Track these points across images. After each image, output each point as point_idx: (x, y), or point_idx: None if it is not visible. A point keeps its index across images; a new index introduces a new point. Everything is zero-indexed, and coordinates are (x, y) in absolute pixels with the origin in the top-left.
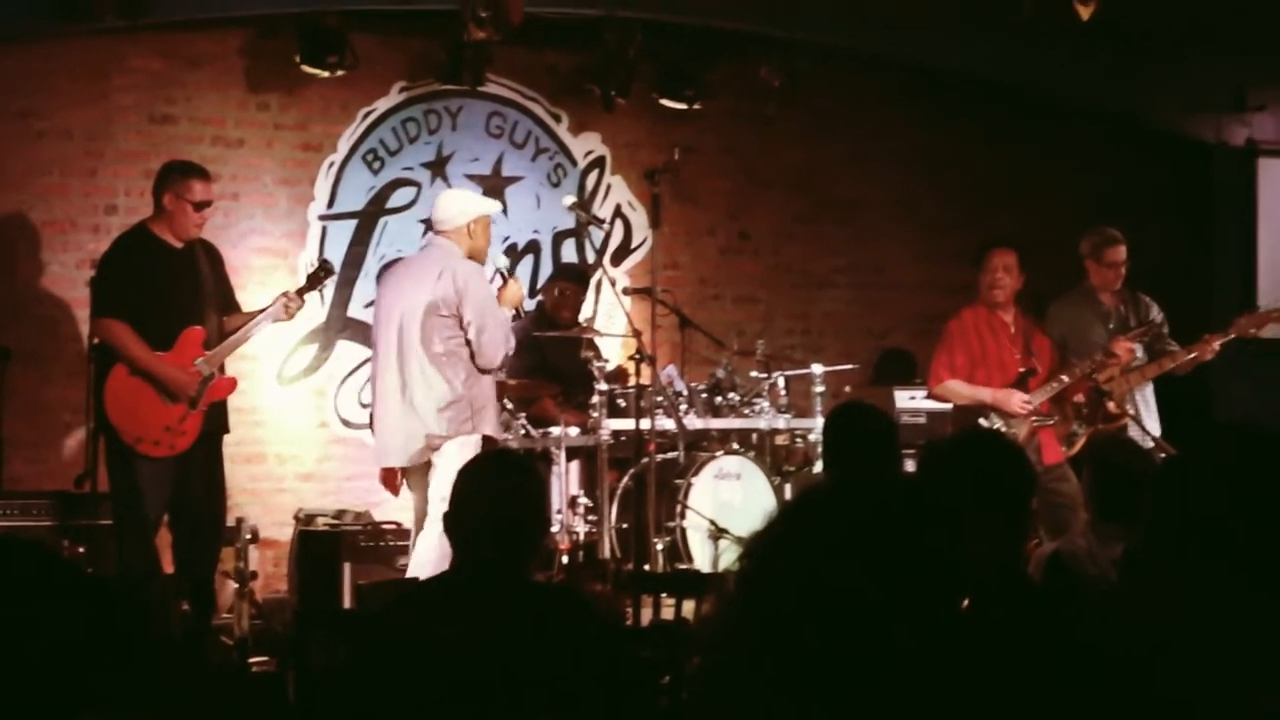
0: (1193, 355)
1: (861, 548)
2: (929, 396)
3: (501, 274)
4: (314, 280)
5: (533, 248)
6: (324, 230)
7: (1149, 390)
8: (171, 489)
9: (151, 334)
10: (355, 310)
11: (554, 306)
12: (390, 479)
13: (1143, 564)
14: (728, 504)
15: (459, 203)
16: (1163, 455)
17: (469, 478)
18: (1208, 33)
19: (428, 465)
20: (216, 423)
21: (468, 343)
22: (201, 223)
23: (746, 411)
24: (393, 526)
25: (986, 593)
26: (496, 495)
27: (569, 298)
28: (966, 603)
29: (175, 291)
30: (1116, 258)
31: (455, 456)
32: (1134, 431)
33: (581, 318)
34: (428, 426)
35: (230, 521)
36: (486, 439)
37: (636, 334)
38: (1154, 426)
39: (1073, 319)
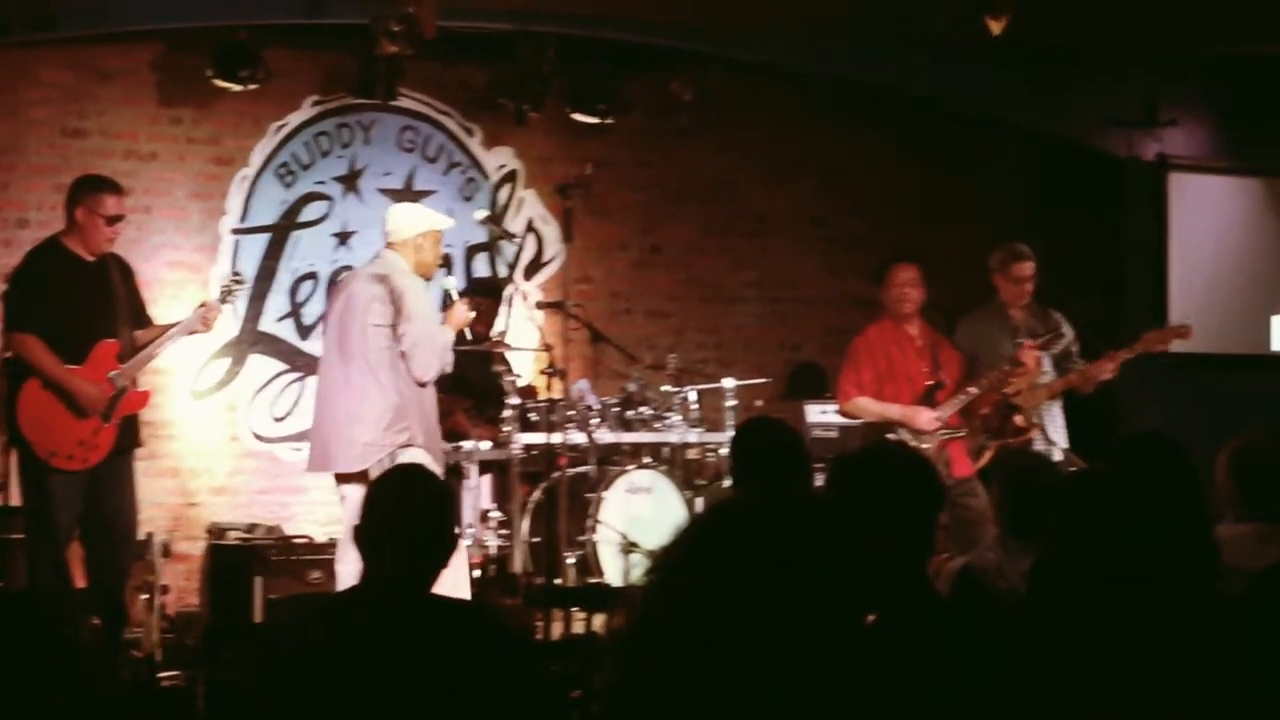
0: (1094, 372)
1: (767, 563)
2: (839, 413)
3: (449, 294)
4: (226, 292)
5: (445, 261)
6: (236, 244)
7: (1056, 407)
8: (84, 503)
9: (64, 348)
10: (267, 324)
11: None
12: None
13: (1052, 576)
14: (639, 518)
15: (408, 215)
16: (1072, 469)
17: (378, 491)
18: (1120, 48)
19: (364, 474)
20: (129, 437)
21: (403, 354)
22: (113, 237)
23: (658, 425)
24: (304, 540)
25: (895, 608)
26: (406, 509)
27: (483, 312)
28: (872, 618)
29: (88, 305)
30: (1023, 273)
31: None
32: (1042, 445)
33: (494, 332)
34: (365, 436)
35: (141, 535)
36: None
37: (548, 348)
38: (1062, 440)
39: (982, 334)
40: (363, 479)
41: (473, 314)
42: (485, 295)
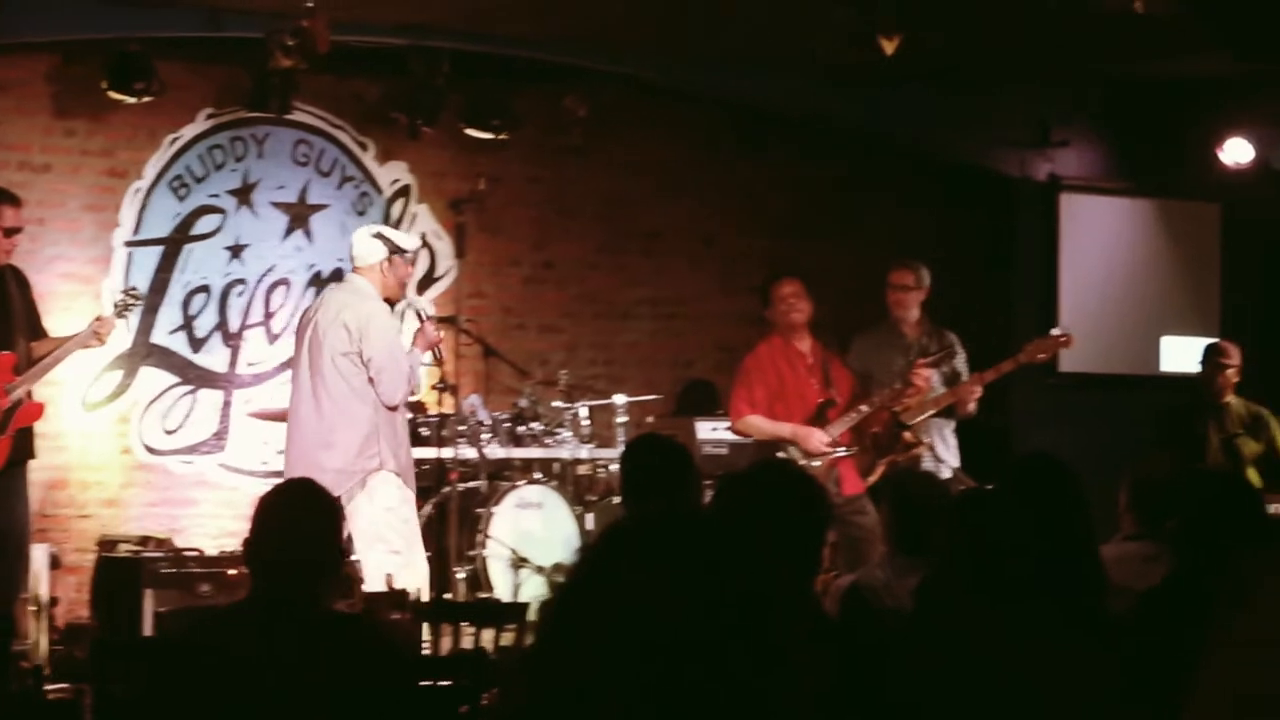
0: (964, 393)
1: (665, 582)
2: (731, 431)
3: (419, 315)
4: (122, 306)
5: (338, 276)
6: (129, 256)
7: (948, 428)
8: None
9: None
10: (159, 336)
11: None
12: None
13: (939, 595)
14: (529, 533)
15: (371, 239)
16: (961, 488)
17: (265, 508)
18: (1011, 68)
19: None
20: (23, 449)
21: (371, 380)
22: (11, 249)
23: (549, 441)
24: (195, 553)
25: (781, 625)
26: (293, 525)
27: None
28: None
29: None
30: (899, 280)
31: (369, 493)
32: (931, 463)
33: None
34: (335, 463)
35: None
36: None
37: (440, 363)
38: (952, 460)
39: (874, 351)
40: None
41: (441, 335)
42: None
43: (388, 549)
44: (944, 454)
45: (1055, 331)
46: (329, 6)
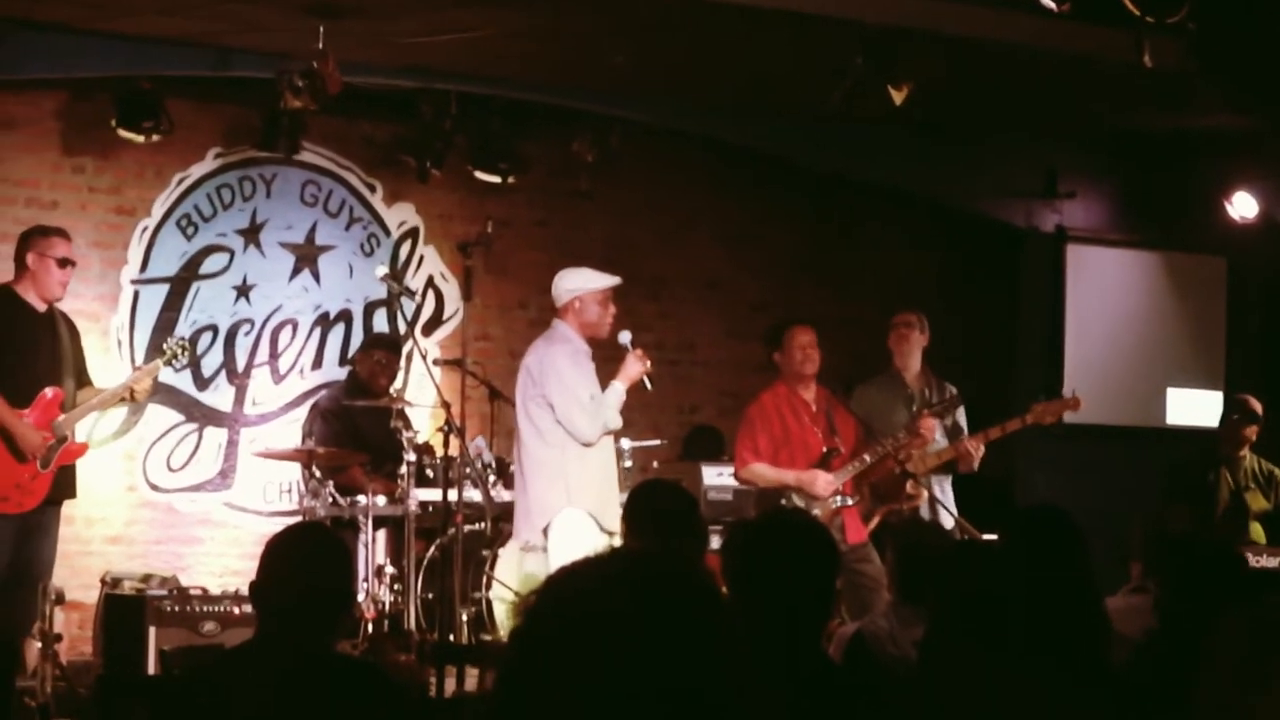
0: (964, 449)
1: (625, 618)
2: (736, 479)
3: (627, 348)
4: (171, 355)
5: (344, 317)
6: (136, 294)
7: (947, 481)
8: (11, 550)
9: (11, 391)
10: (166, 375)
11: (371, 374)
12: None
13: (943, 646)
14: (533, 575)
15: (564, 280)
16: (964, 537)
17: (274, 550)
18: (1019, 119)
19: (543, 539)
20: (63, 488)
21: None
22: (65, 281)
23: None
24: (199, 591)
25: (789, 673)
26: (301, 568)
27: (386, 366)
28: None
29: (37, 353)
30: (900, 320)
31: (560, 532)
32: (927, 512)
33: (393, 388)
34: (530, 501)
35: None
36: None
37: (446, 405)
38: (951, 505)
39: (877, 400)
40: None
41: (647, 365)
42: (389, 350)
43: None
44: (943, 501)
45: (1065, 394)
46: (338, 48)
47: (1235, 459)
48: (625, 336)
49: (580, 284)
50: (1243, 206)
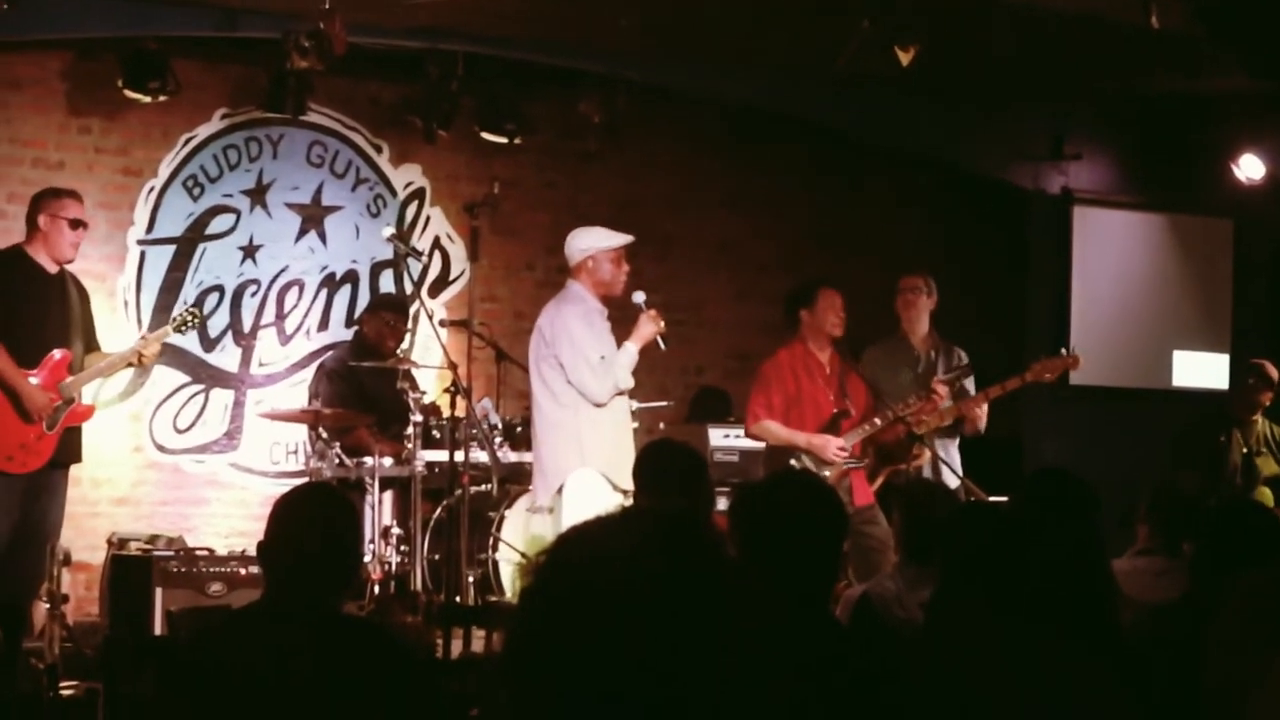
0: (968, 410)
1: (636, 575)
2: (747, 435)
3: (641, 308)
4: (180, 323)
5: (351, 278)
6: (142, 255)
7: (953, 444)
8: (19, 511)
9: (19, 352)
10: (172, 336)
11: (378, 336)
12: None
13: (948, 606)
14: (539, 537)
15: (576, 239)
16: (970, 498)
17: (283, 510)
18: (1026, 81)
19: (557, 501)
20: (69, 450)
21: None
22: (77, 242)
23: None
24: (205, 553)
25: (796, 634)
26: (310, 529)
27: (394, 327)
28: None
29: (46, 314)
30: (907, 284)
31: (573, 492)
32: (933, 472)
33: (399, 349)
34: (544, 462)
35: None
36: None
37: (453, 366)
38: (957, 465)
39: (883, 363)
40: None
41: (660, 325)
42: (397, 311)
43: None
44: (953, 462)
45: (1064, 352)
46: (345, 9)
47: (1248, 423)
48: (639, 296)
49: (593, 242)
50: (1250, 168)
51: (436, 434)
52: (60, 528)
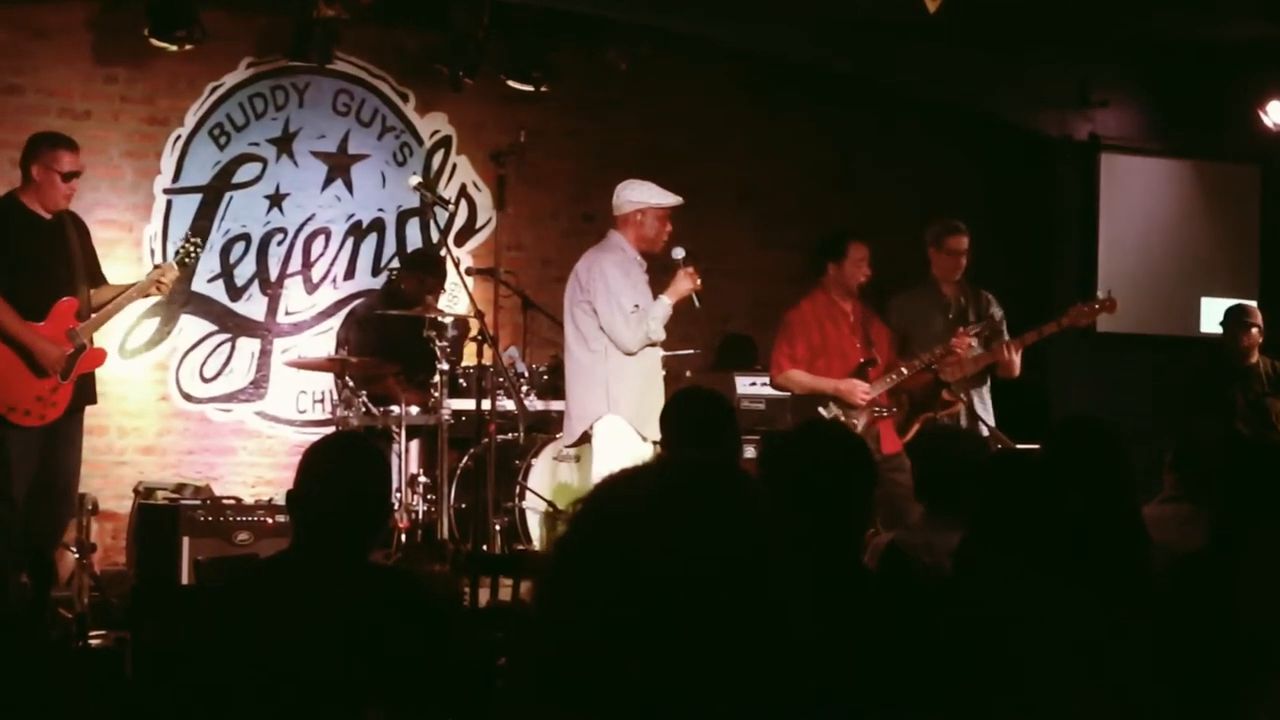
0: (1000, 356)
1: (677, 522)
2: (772, 385)
3: (679, 264)
4: (184, 254)
5: (377, 226)
6: (169, 204)
7: (985, 388)
8: (38, 460)
9: (24, 304)
10: (199, 285)
11: (414, 295)
12: None
13: (977, 554)
14: (566, 485)
15: (628, 191)
16: (999, 447)
17: (313, 459)
18: (1052, 28)
19: (586, 442)
20: (84, 395)
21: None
22: (70, 193)
23: None
24: (232, 501)
25: (824, 581)
26: (339, 477)
27: (432, 290)
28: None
29: (47, 262)
30: (957, 246)
31: (602, 438)
32: (966, 421)
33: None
34: (572, 406)
35: None
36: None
37: (479, 315)
38: (988, 419)
39: (914, 310)
40: (583, 446)
41: (697, 283)
42: (435, 276)
43: None
44: (981, 412)
45: (1100, 295)
46: None
47: (1246, 367)
48: (679, 252)
49: (646, 197)
50: (1277, 115)
51: (463, 383)
52: (79, 473)
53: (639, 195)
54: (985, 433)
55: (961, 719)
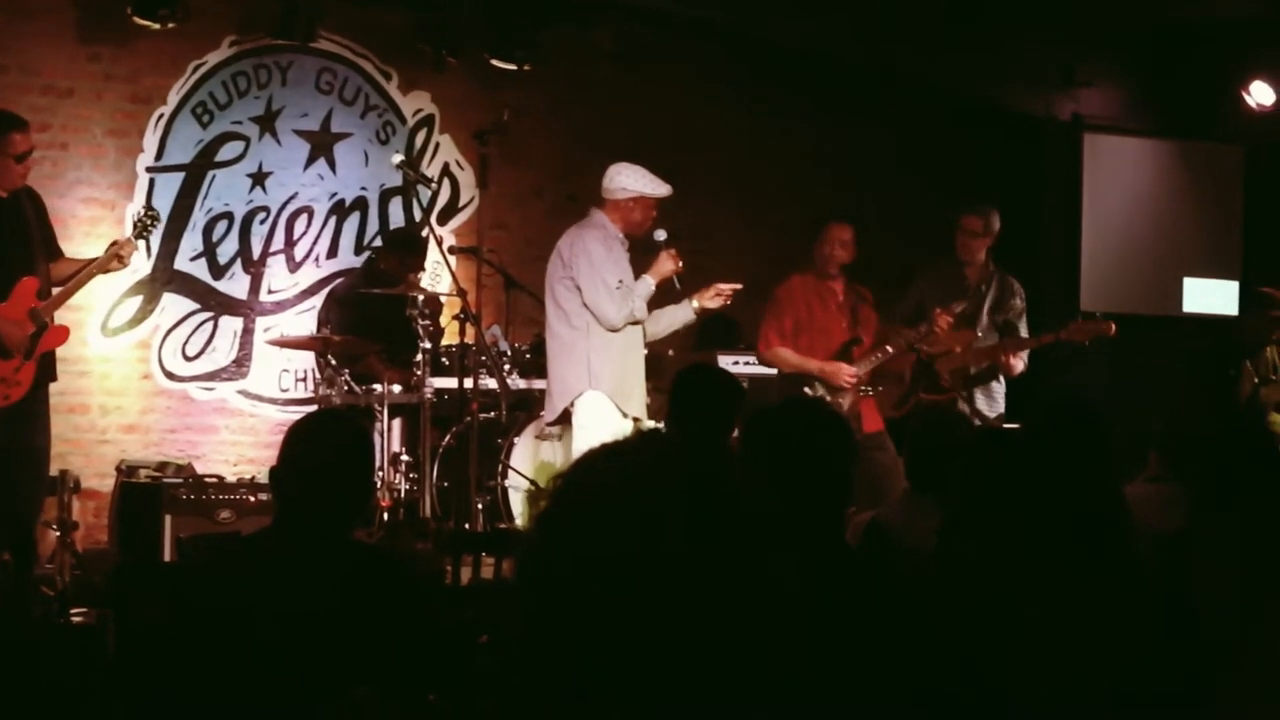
0: (1000, 354)
1: (656, 496)
2: (759, 361)
3: (660, 246)
4: (141, 227)
5: (360, 204)
6: (151, 182)
7: (993, 384)
8: (6, 439)
9: None
10: (181, 263)
11: (394, 274)
12: None
13: (959, 533)
14: (548, 464)
15: (621, 177)
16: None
17: (296, 436)
18: (1037, 8)
19: (566, 419)
20: (46, 372)
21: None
22: (25, 173)
23: None
24: (214, 480)
25: (805, 558)
26: (323, 455)
27: (411, 268)
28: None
29: (5, 242)
30: (966, 225)
31: (583, 414)
32: (964, 407)
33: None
34: (553, 382)
35: (53, 471)
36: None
37: (461, 293)
38: (988, 411)
39: (933, 288)
40: (565, 424)
41: (678, 264)
42: (415, 255)
43: None
44: (982, 406)
45: (1099, 316)
46: None
47: (1257, 351)
48: (661, 234)
49: (640, 186)
50: (1260, 95)
51: (446, 361)
52: (49, 446)
53: (634, 183)
54: (978, 421)
55: (944, 696)
